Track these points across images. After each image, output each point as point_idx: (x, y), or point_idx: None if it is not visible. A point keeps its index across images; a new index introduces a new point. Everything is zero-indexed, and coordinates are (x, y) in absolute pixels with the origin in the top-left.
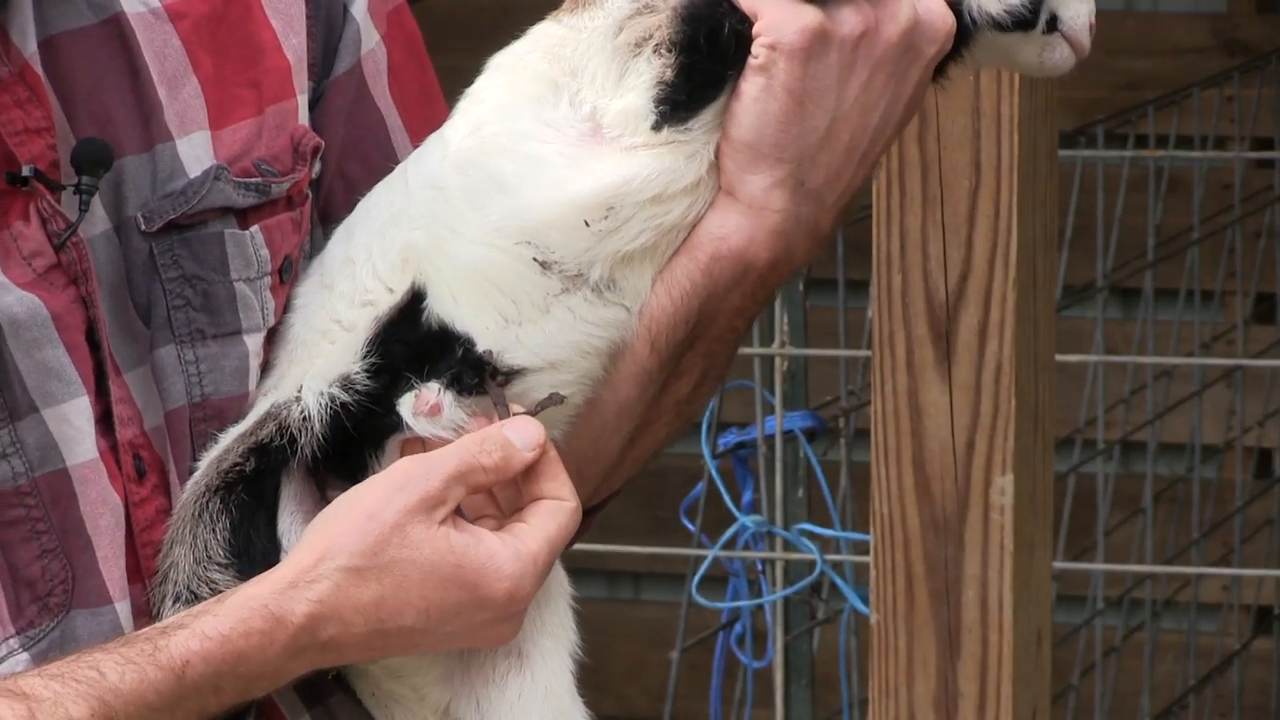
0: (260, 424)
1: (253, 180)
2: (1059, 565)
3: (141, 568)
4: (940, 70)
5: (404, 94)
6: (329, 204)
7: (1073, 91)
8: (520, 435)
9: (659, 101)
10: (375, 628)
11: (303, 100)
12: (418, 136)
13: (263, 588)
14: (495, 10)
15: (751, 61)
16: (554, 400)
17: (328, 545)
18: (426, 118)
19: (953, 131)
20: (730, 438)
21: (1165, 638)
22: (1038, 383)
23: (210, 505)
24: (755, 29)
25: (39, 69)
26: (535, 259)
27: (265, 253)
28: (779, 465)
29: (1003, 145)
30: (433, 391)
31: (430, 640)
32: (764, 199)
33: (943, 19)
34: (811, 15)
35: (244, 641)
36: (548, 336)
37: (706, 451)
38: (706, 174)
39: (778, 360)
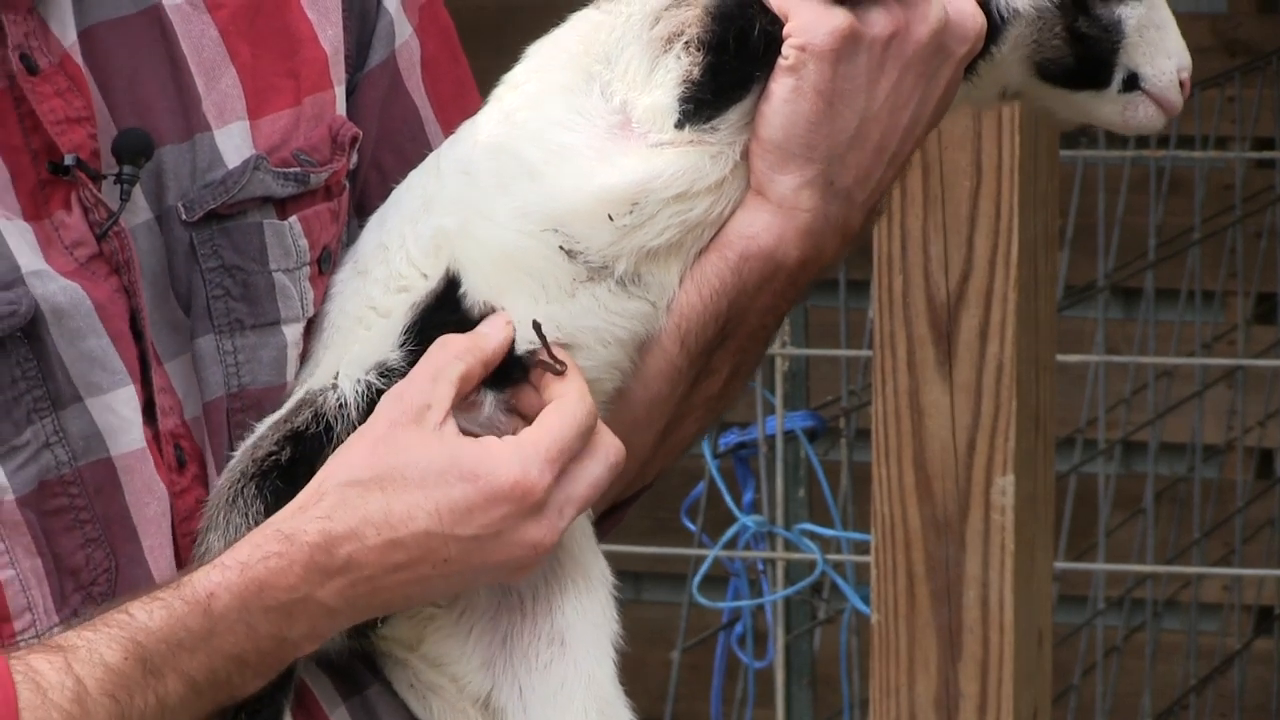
0: (296, 410)
1: (291, 170)
2: (1060, 565)
3: (182, 558)
4: (971, 68)
5: (437, 87)
6: (364, 196)
7: None
8: (489, 325)
9: (684, 100)
10: (390, 537)
11: (340, 91)
12: (451, 129)
13: (276, 517)
14: (495, 10)
15: (781, 62)
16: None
17: (329, 470)
18: (460, 110)
19: (954, 132)
20: (731, 438)
21: (1166, 638)
22: (1039, 383)
23: (245, 492)
24: (785, 30)
25: (79, 59)
26: (562, 246)
27: (304, 243)
28: (780, 465)
29: (1004, 145)
30: (478, 397)
31: (457, 549)
32: (794, 199)
33: (973, 19)
34: (842, 17)
35: (262, 566)
36: (571, 317)
37: (707, 451)
38: (732, 173)
39: (779, 360)
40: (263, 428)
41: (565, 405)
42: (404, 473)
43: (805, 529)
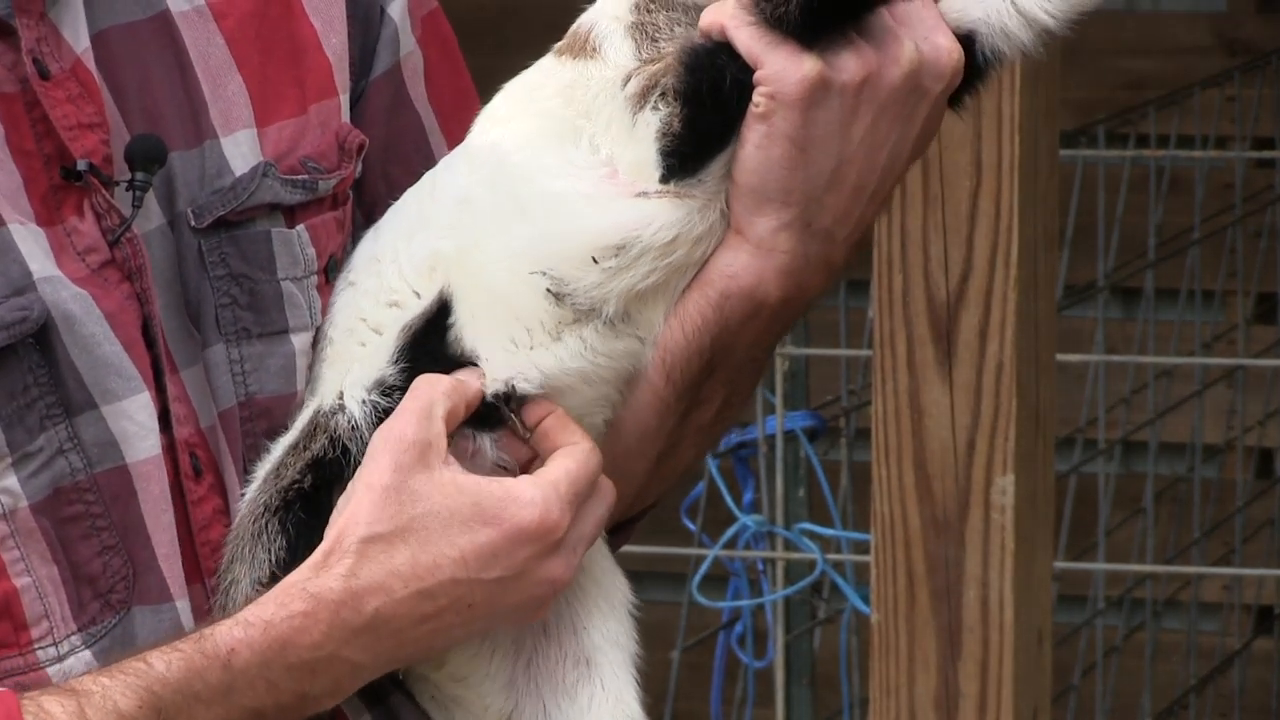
0: (309, 435)
1: (300, 177)
2: (1060, 565)
3: (201, 567)
4: (956, 100)
5: (441, 98)
6: (373, 206)
7: (1074, 91)
8: (465, 373)
9: (666, 154)
10: (417, 589)
11: (344, 99)
12: (454, 139)
13: (298, 575)
14: (495, 10)
15: (753, 109)
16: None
17: (343, 525)
18: (463, 121)
19: (954, 131)
20: (731, 437)
21: (1166, 638)
22: (1038, 382)
23: (270, 526)
24: (755, 77)
25: (91, 65)
26: (549, 289)
27: (311, 251)
28: (780, 465)
29: (1004, 145)
30: (467, 438)
31: (482, 594)
32: (771, 240)
33: (948, 55)
34: (811, 65)
35: (287, 625)
36: (557, 362)
37: None
38: (719, 219)
39: (779, 360)
40: (279, 451)
41: (579, 451)
42: (426, 523)
43: (805, 528)
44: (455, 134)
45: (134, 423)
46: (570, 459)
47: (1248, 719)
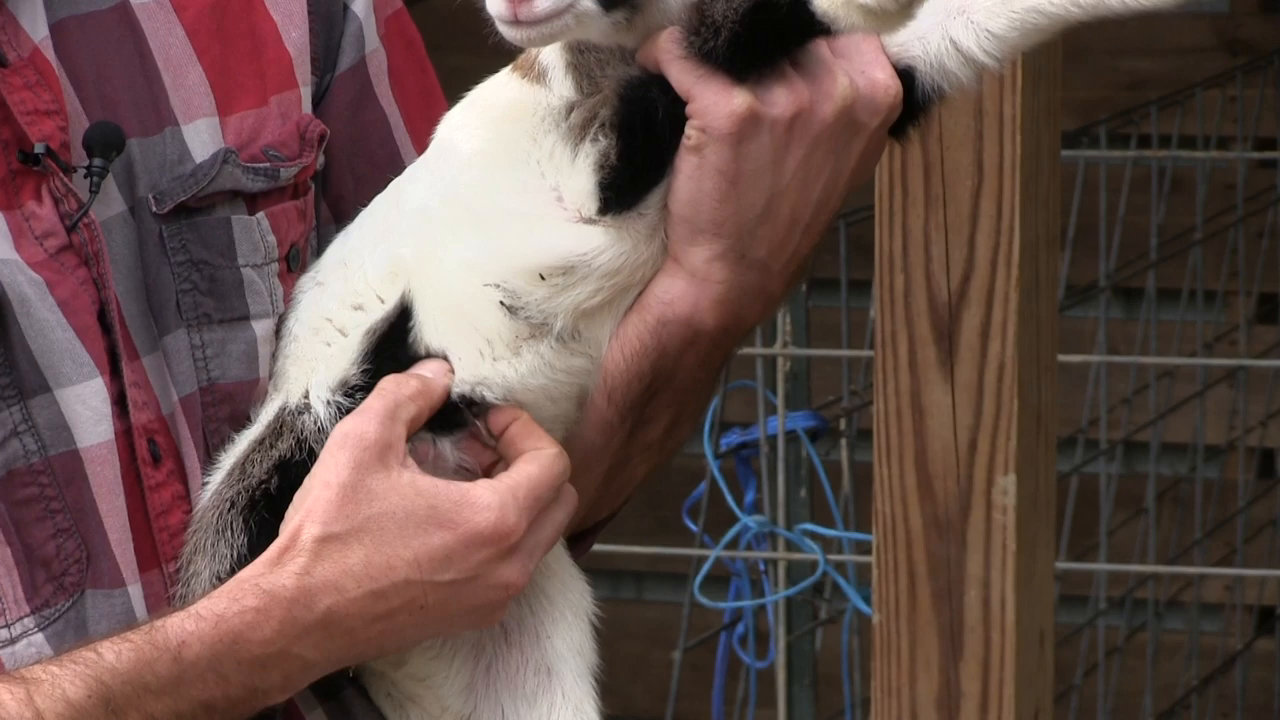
0: (276, 433)
1: (261, 165)
2: (1061, 565)
3: (159, 552)
4: (899, 130)
5: (406, 97)
6: (341, 201)
7: (1075, 91)
8: (429, 369)
9: (604, 187)
10: (370, 589)
11: (305, 92)
12: (421, 139)
13: (253, 570)
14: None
15: (685, 141)
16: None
17: (299, 521)
18: (430, 120)
19: (955, 131)
20: (733, 438)
21: (1168, 638)
22: (1040, 383)
23: (234, 523)
24: (688, 110)
25: (50, 54)
26: (503, 302)
27: (272, 239)
28: (781, 465)
29: (1005, 145)
30: (426, 442)
31: (436, 596)
32: (705, 270)
33: (885, 90)
34: (741, 100)
35: (238, 620)
36: (520, 377)
37: (709, 451)
38: (662, 245)
39: (780, 360)
40: (243, 444)
41: (543, 457)
42: (381, 523)
43: (807, 529)
44: (422, 133)
45: (86, 408)
46: (533, 464)
47: (1249, 719)
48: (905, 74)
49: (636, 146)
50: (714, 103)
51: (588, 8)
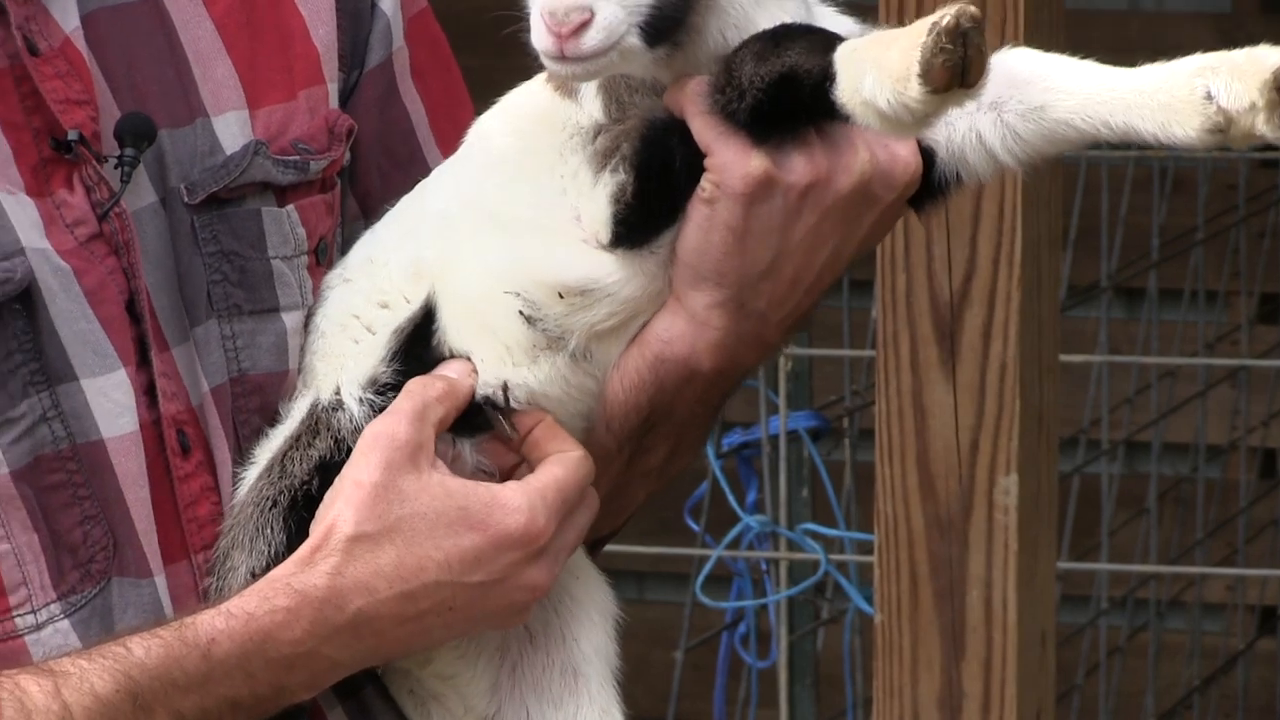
0: (313, 430)
1: (291, 158)
2: (1063, 565)
3: (187, 543)
4: (918, 204)
5: (431, 95)
6: (368, 198)
7: None
8: (454, 369)
9: (618, 221)
10: (401, 590)
11: (333, 88)
12: (444, 137)
13: (285, 569)
14: (495, 11)
15: (699, 192)
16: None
17: (331, 521)
18: (454, 119)
19: None
20: (735, 438)
21: (1169, 638)
22: (1042, 383)
23: (274, 521)
24: (705, 163)
25: (81, 45)
26: (521, 311)
27: (301, 231)
28: (783, 465)
29: None
30: (447, 444)
31: (464, 597)
32: (705, 315)
33: (905, 167)
34: (757, 163)
35: (269, 619)
36: (540, 384)
37: (711, 451)
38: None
39: (782, 360)
40: (279, 440)
41: (569, 460)
42: (413, 524)
43: (808, 529)
44: (446, 131)
45: (109, 400)
46: (560, 467)
47: (1251, 719)
48: (926, 153)
49: (652, 190)
50: (731, 161)
51: (633, 44)
